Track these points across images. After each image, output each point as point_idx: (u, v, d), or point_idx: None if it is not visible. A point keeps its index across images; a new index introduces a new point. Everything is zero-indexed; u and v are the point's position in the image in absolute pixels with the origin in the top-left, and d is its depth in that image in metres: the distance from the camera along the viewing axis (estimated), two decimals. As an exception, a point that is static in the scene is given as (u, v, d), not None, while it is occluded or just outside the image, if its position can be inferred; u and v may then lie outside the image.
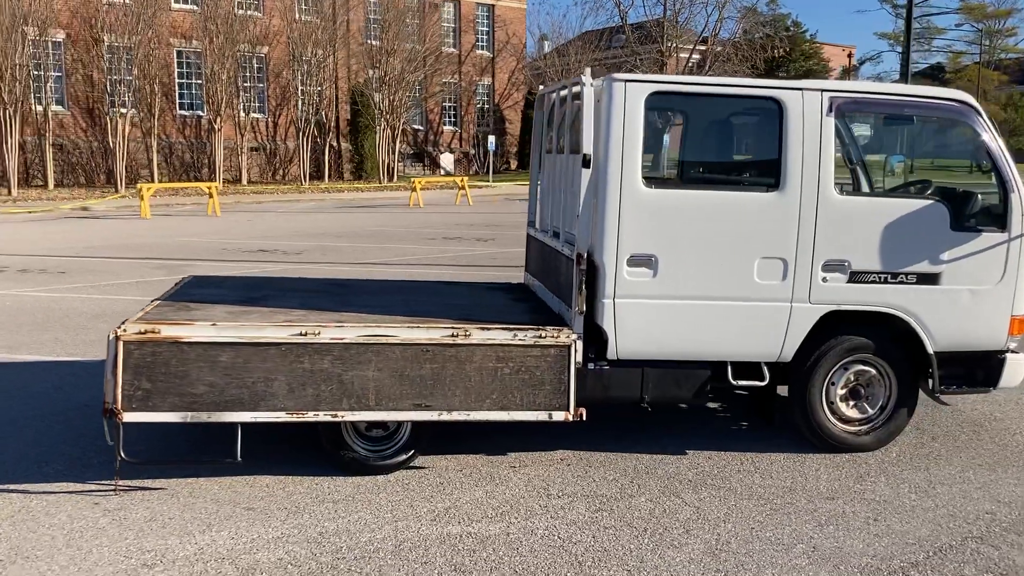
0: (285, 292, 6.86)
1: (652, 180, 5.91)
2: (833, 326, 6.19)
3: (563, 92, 6.74)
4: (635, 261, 5.86)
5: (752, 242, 5.94)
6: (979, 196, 6.29)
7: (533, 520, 5.20)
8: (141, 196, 25.14)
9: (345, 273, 13.97)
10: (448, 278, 11.72)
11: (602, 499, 5.52)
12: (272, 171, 40.57)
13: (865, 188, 7.27)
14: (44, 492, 5.51)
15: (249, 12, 37.56)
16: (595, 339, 5.95)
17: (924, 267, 6.12)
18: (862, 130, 7.25)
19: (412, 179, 33.99)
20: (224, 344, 5.47)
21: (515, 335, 5.77)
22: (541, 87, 7.62)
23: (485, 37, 49.12)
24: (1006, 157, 6.16)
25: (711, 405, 7.50)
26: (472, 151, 48.81)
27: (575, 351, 5.81)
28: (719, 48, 46.67)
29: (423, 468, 5.99)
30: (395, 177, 42.08)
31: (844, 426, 6.36)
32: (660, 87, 5.90)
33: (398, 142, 42.59)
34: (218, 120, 35.98)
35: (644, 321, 5.92)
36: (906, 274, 6.11)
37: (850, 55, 72.82)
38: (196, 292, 6.78)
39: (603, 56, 50.01)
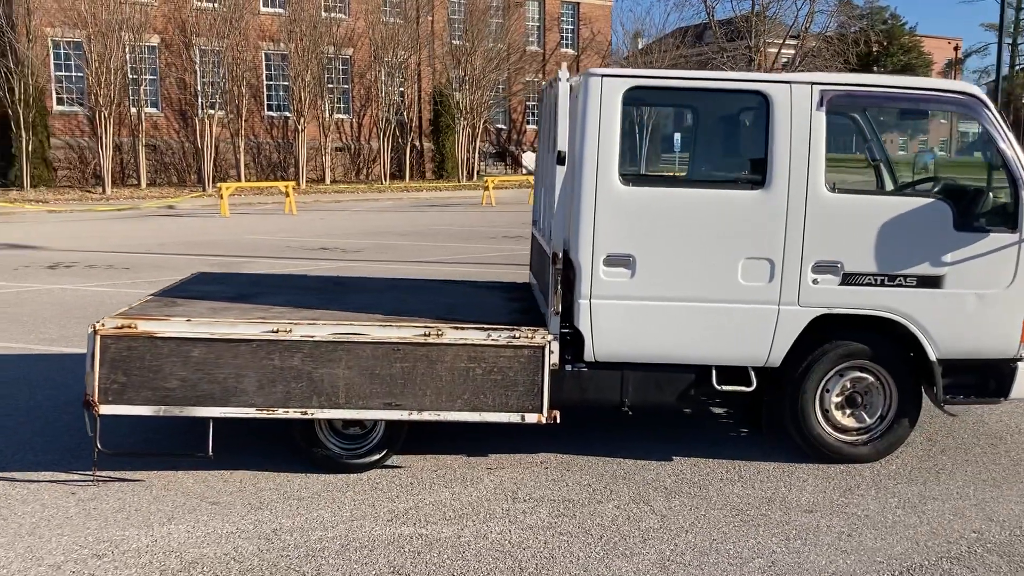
0: (281, 289, 6.93)
1: (630, 177, 5.74)
2: (827, 330, 5.92)
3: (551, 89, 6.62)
4: (612, 261, 5.71)
5: (736, 242, 5.72)
6: (986, 194, 5.92)
7: (489, 524, 5.11)
8: (220, 195, 25.92)
9: (394, 271, 14.10)
10: (491, 276, 11.67)
11: (568, 504, 5.39)
12: (356, 171, 41.32)
13: (889, 187, 6.93)
14: (30, 480, 5.69)
15: (335, 15, 38.32)
16: (572, 340, 5.82)
17: (925, 269, 5.78)
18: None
19: (486, 178, 34.11)
20: (196, 340, 5.56)
21: (489, 335, 5.70)
22: (543, 82, 7.50)
23: (569, 35, 48.96)
24: (1017, 153, 5.77)
25: (716, 410, 7.26)
26: (556, 150, 48.56)
27: (549, 352, 5.70)
28: (812, 43, 45.36)
29: (398, 468, 5.97)
30: (475, 176, 42.32)
31: (840, 435, 6.06)
32: (639, 82, 5.73)
33: (478, 141, 42.82)
34: (302, 121, 36.83)
35: (621, 323, 5.76)
36: (905, 276, 5.78)
37: (956, 48, 69.94)
38: (193, 288, 6.92)
39: (689, 53, 49.19)
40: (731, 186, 6.01)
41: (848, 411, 6.08)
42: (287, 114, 38.34)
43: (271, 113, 38.54)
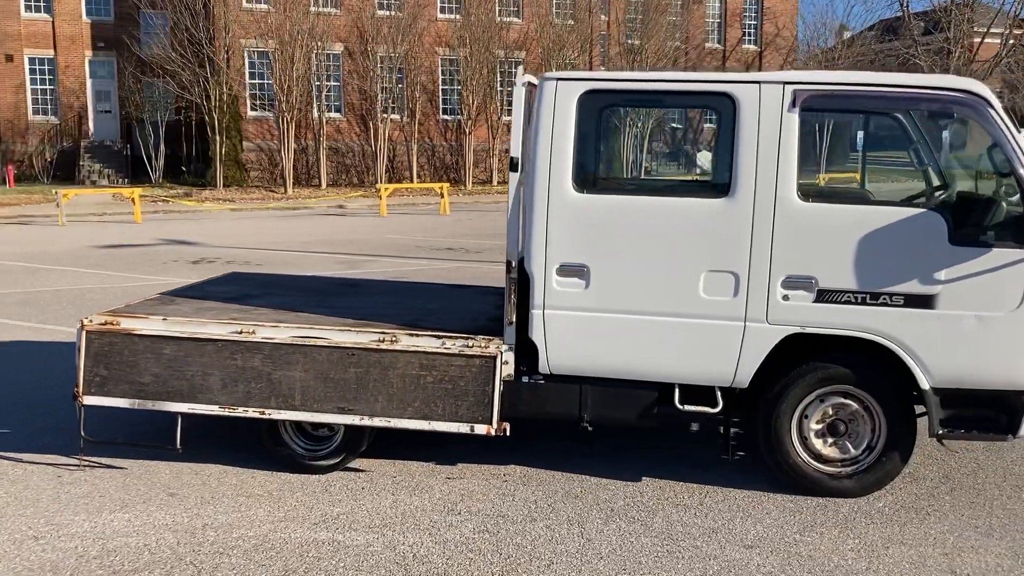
0: (288, 291, 7.15)
1: (584, 184, 5.51)
2: (804, 351, 5.45)
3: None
4: (565, 271, 5.51)
5: (697, 253, 5.37)
6: (988, 205, 5.25)
7: (407, 535, 5.07)
8: (379, 195, 27.00)
9: (493, 271, 14.17)
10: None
11: (499, 520, 5.25)
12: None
13: (941, 195, 6.25)
14: (29, 462, 6.19)
15: (507, 19, 38.94)
16: (530, 351, 5.67)
17: (914, 287, 5.20)
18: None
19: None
20: (168, 338, 5.85)
21: (443, 343, 5.66)
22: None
23: (752, 31, 47.28)
24: (1028, 158, 5.07)
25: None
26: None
27: (502, 363, 5.59)
28: (1020, 32, 41.39)
29: (360, 471, 6.03)
30: (643, 175, 41.77)
31: (820, 466, 5.55)
32: (595, 85, 5.49)
33: (646, 141, 42.23)
34: (471, 124, 37.70)
35: (575, 335, 5.55)
36: (890, 295, 5.22)
37: None
38: (207, 287, 7.29)
39: (879, 48, 46.14)
40: (692, 194, 5.64)
41: (830, 440, 5.56)
42: (460, 117, 39.36)
43: (445, 117, 39.67)
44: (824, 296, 5.28)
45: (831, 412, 5.53)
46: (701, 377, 5.49)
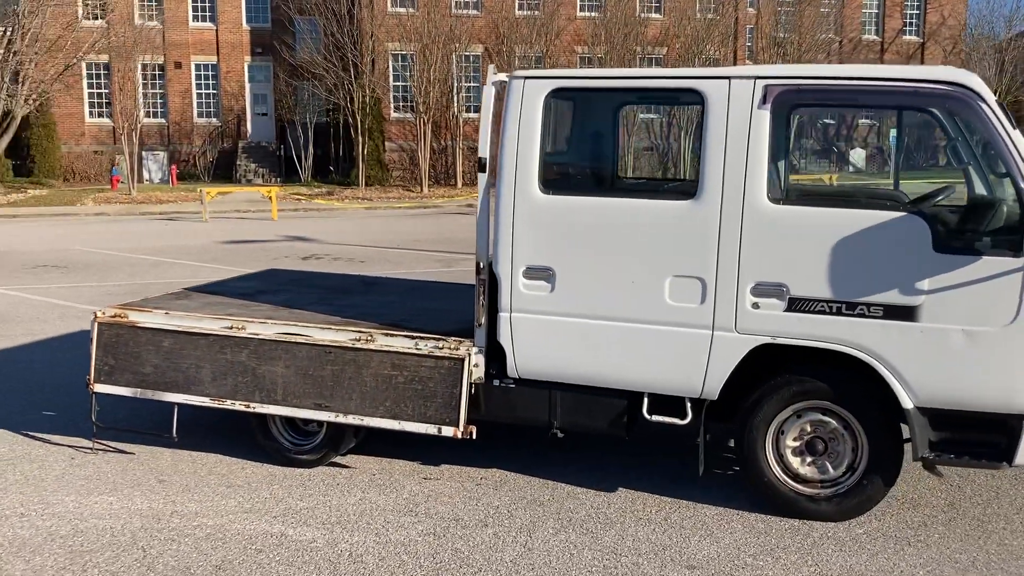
0: (305, 288, 7.33)
1: (550, 185, 5.37)
2: (778, 363, 5.12)
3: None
4: (531, 273, 5.39)
5: (663, 258, 5.13)
6: (977, 209, 4.75)
7: (355, 534, 5.11)
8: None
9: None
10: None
11: (452, 524, 5.21)
12: (663, 169, 41.13)
13: (983, 194, 5.72)
14: (54, 443, 6.63)
15: (649, 15, 38.41)
16: (500, 354, 5.59)
17: (894, 297, 4.78)
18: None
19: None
20: (167, 331, 6.14)
21: (416, 344, 5.67)
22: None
23: (914, 21, 44.60)
24: (1022, 157, 4.56)
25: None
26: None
27: (469, 365, 5.54)
28: None
29: (345, 467, 6.12)
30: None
31: (797, 485, 5.19)
32: (563, 83, 5.35)
33: (792, 138, 40.61)
34: (606, 121, 37.49)
35: (541, 339, 5.43)
36: (868, 305, 4.83)
37: None
38: (233, 283, 7.57)
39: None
40: (658, 195, 5.38)
41: (808, 459, 5.19)
42: (599, 115, 39.16)
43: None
44: (796, 305, 4.94)
45: (809, 429, 5.16)
46: (668, 387, 5.25)
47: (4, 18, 32.76)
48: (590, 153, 6.33)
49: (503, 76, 5.47)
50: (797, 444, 5.19)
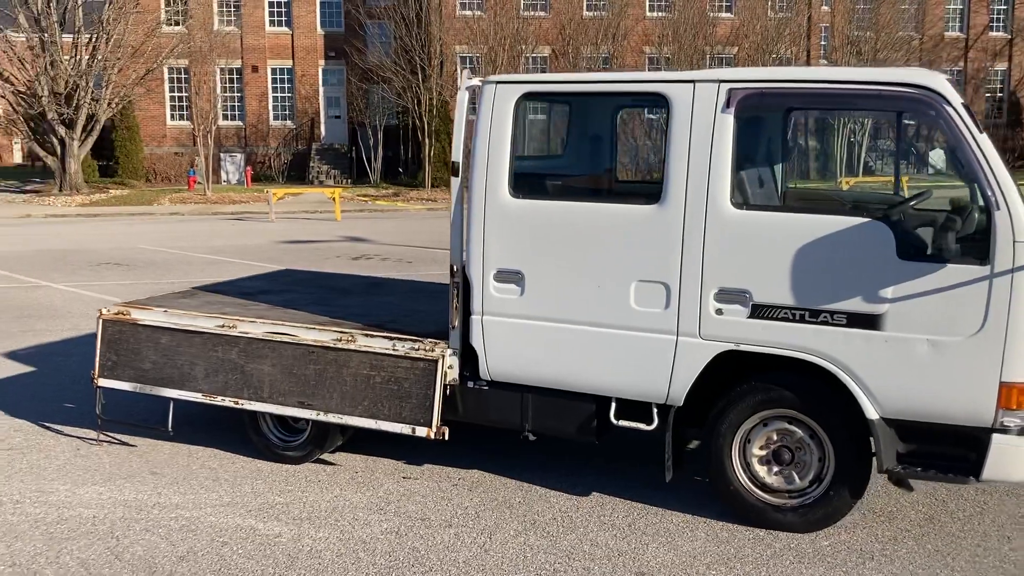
0: (310, 289, 7.49)
1: (520, 189, 5.38)
2: (745, 370, 5.04)
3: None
4: (502, 276, 5.43)
5: (628, 262, 5.11)
6: (943, 215, 4.60)
7: (319, 529, 5.22)
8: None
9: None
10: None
11: (416, 523, 5.27)
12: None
13: (950, 199, 5.57)
14: (65, 435, 6.92)
15: (719, 14, 37.88)
16: (473, 357, 5.63)
17: (857, 305, 4.67)
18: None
19: (844, 179, 31.49)
20: (164, 328, 6.36)
21: (393, 345, 5.76)
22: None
23: (1001, 16, 42.94)
24: (988, 163, 4.40)
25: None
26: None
27: (443, 366, 5.60)
28: None
29: (332, 464, 6.24)
30: (858, 173, 39.13)
31: (764, 495, 5.10)
32: (533, 87, 5.37)
33: (864, 137, 39.50)
34: (674, 122, 37.11)
35: (511, 342, 5.45)
36: (831, 313, 4.72)
37: None
38: (242, 283, 7.78)
39: None
40: (624, 200, 5.35)
41: (775, 468, 5.09)
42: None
43: (651, 116, 39.24)
44: (759, 311, 4.86)
45: (776, 438, 5.07)
46: (634, 392, 5.22)
47: (90, 26, 34.16)
48: (560, 157, 6.32)
49: (477, 80, 5.51)
50: (764, 453, 5.10)
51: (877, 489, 5.55)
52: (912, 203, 4.72)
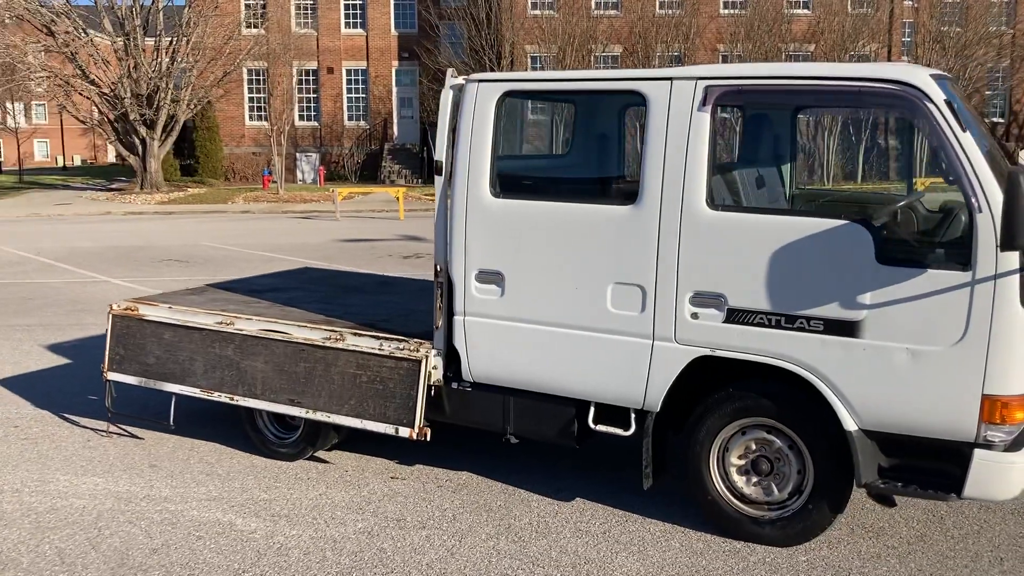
0: (321, 287, 7.54)
1: (501, 188, 5.30)
2: (723, 376, 4.87)
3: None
4: (483, 277, 5.36)
5: (605, 264, 4.99)
6: (924, 218, 4.36)
7: (293, 527, 5.24)
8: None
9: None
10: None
11: (392, 524, 5.25)
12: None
13: (930, 201, 5.30)
14: (80, 426, 7.12)
15: (795, 11, 37.00)
16: (457, 357, 5.58)
17: (834, 311, 4.46)
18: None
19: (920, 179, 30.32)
20: (168, 324, 6.48)
21: (380, 344, 5.75)
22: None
23: (1101, 9, 40.90)
24: (971, 163, 4.15)
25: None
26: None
27: (427, 366, 5.57)
28: None
29: (326, 462, 6.27)
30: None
31: (742, 506, 4.92)
32: (514, 86, 5.28)
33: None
34: (745, 121, 36.38)
35: (492, 343, 5.39)
36: (808, 318, 4.53)
37: None
38: (254, 280, 7.88)
39: None
40: (602, 200, 5.21)
41: (754, 478, 4.91)
42: (741, 114, 38.06)
43: (724, 115, 38.53)
44: (735, 316, 4.68)
45: (754, 447, 4.89)
46: (611, 396, 5.09)
47: (170, 29, 35.25)
48: (542, 156, 6.21)
49: (460, 80, 5.46)
50: (742, 462, 4.92)
51: (872, 504, 5.30)
52: (899, 205, 4.49)
